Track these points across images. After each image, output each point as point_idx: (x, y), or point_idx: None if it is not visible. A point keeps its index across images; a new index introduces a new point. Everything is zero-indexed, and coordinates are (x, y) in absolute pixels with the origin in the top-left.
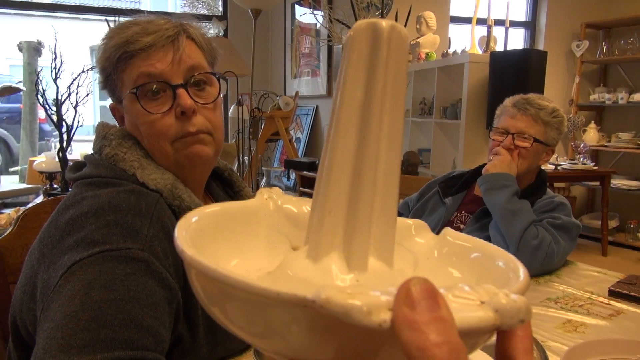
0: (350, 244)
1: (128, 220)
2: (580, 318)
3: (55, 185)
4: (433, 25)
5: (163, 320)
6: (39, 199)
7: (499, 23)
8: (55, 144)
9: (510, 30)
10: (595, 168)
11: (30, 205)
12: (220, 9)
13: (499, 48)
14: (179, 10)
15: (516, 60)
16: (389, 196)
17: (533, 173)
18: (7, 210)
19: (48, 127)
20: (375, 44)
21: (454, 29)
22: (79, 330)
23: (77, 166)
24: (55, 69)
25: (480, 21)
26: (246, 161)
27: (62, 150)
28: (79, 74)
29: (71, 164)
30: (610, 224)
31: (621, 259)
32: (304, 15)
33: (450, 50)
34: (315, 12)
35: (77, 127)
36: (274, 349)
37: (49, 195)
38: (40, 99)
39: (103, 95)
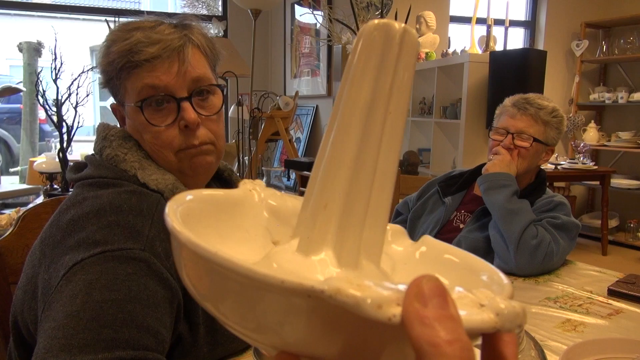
0: (343, 241)
1: (129, 220)
2: (579, 317)
3: (55, 186)
4: (433, 25)
5: (164, 321)
6: (40, 200)
7: (499, 23)
8: (55, 144)
9: (510, 29)
10: (595, 167)
11: (31, 205)
12: (220, 9)
13: (499, 48)
14: (179, 11)
15: (516, 60)
16: (383, 198)
17: (533, 173)
18: (8, 211)
19: (48, 128)
20: (386, 45)
21: (453, 29)
22: (81, 330)
23: (78, 167)
24: (55, 69)
25: (480, 21)
26: (246, 161)
27: (63, 150)
28: (79, 75)
29: (72, 164)
30: (610, 224)
31: (621, 259)
32: (304, 15)
33: (450, 50)
34: (314, 12)
35: (78, 128)
36: (268, 341)
37: (50, 196)
38: (41, 100)
39: (103, 96)
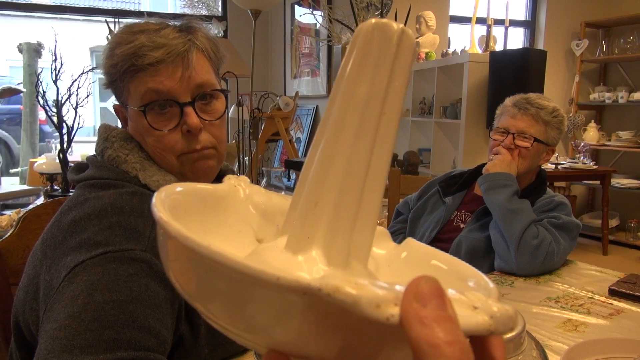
0: (332, 241)
1: (131, 221)
2: (580, 317)
3: (55, 187)
4: (432, 25)
5: (165, 322)
6: (40, 201)
7: (499, 22)
8: (55, 145)
9: (510, 29)
10: (596, 167)
11: (31, 206)
12: (220, 9)
13: (499, 47)
14: (178, 11)
15: (516, 60)
16: (374, 199)
17: (533, 172)
18: (8, 212)
19: (48, 129)
20: (384, 45)
21: (453, 29)
22: (82, 331)
23: (79, 167)
24: (55, 70)
25: (480, 21)
26: (246, 161)
27: (63, 151)
28: (79, 75)
29: (73, 165)
30: (610, 223)
31: (622, 258)
32: (304, 15)
33: (450, 50)
34: (314, 13)
35: (78, 129)
36: (260, 341)
37: (50, 197)
38: (41, 101)
39: (103, 97)
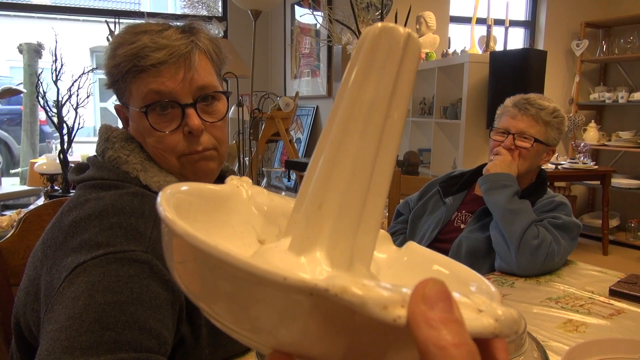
0: (336, 241)
1: (131, 222)
2: (580, 318)
3: (56, 187)
4: (433, 25)
5: (166, 323)
6: (40, 201)
7: (499, 23)
8: (56, 145)
9: (510, 29)
10: (596, 167)
11: (32, 207)
12: (220, 10)
13: (499, 48)
14: (178, 12)
15: (516, 60)
16: (378, 202)
17: (533, 173)
18: (9, 212)
19: (49, 129)
20: (391, 48)
21: (453, 29)
22: (83, 332)
23: (80, 168)
24: (55, 70)
25: (480, 21)
26: (247, 162)
27: (63, 151)
28: (80, 76)
29: (74, 165)
30: (611, 223)
31: (622, 258)
32: (304, 15)
33: (450, 50)
34: (315, 13)
35: (78, 129)
36: (264, 341)
37: (50, 197)
38: (41, 101)
39: (104, 97)
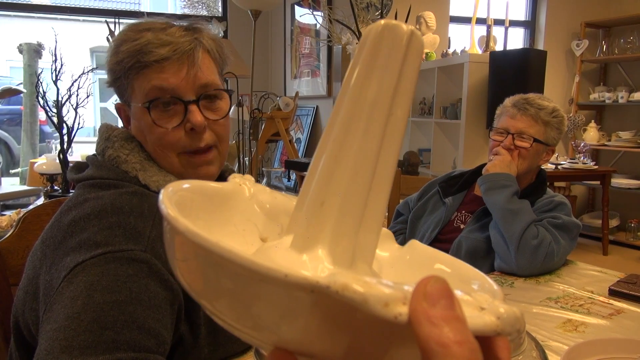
0: (338, 240)
1: (130, 221)
2: (580, 317)
3: (56, 187)
4: (433, 25)
5: (165, 322)
6: (40, 201)
7: (499, 23)
8: (55, 145)
9: (510, 29)
10: (596, 167)
11: (31, 207)
12: (220, 10)
13: (499, 48)
14: (178, 12)
15: (516, 60)
16: (380, 200)
17: (533, 173)
18: (8, 212)
19: (49, 129)
20: (394, 46)
21: (453, 29)
22: (81, 332)
23: (79, 167)
24: (55, 70)
25: (480, 21)
26: (246, 162)
27: (63, 151)
28: (80, 76)
29: (73, 164)
30: (610, 223)
31: (622, 258)
32: (304, 15)
33: (450, 50)
34: (314, 13)
35: (78, 129)
36: (266, 338)
37: (50, 197)
38: (41, 101)
39: (103, 97)
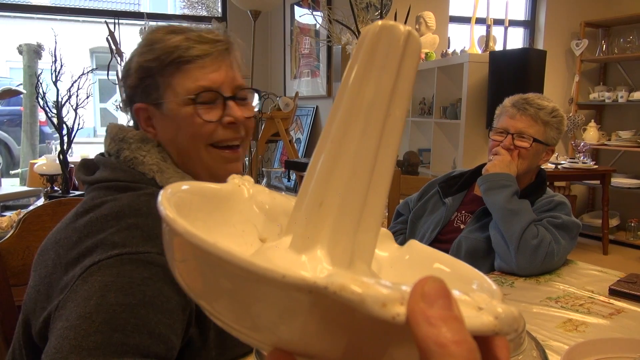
0: (337, 240)
1: (148, 223)
2: (580, 317)
3: (56, 188)
4: (432, 25)
5: (175, 328)
6: (40, 202)
7: (498, 22)
8: (55, 146)
9: (510, 29)
10: (596, 167)
11: (32, 207)
12: (220, 10)
13: (499, 47)
14: (178, 12)
15: (515, 60)
16: (379, 200)
17: (533, 172)
18: (8, 213)
19: (48, 130)
20: (391, 46)
21: (453, 29)
22: (92, 332)
23: (87, 166)
24: (55, 71)
25: (480, 21)
26: (246, 162)
27: (63, 152)
28: (79, 77)
29: (80, 163)
30: (610, 223)
31: (622, 258)
32: (303, 16)
33: (450, 50)
34: (314, 13)
35: (78, 130)
36: (265, 339)
37: (50, 198)
38: (41, 102)
39: (103, 97)
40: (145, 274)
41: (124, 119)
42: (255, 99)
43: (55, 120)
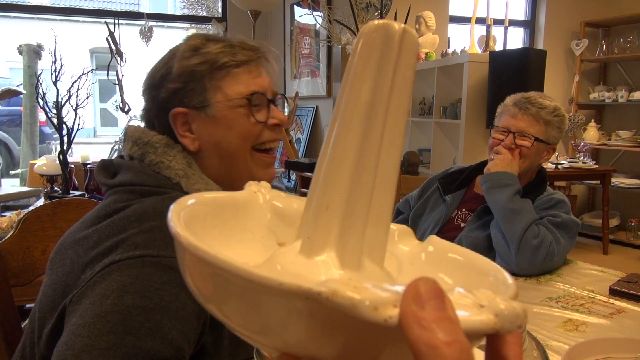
0: (345, 242)
1: None
2: (581, 317)
3: (56, 188)
4: (432, 25)
5: (188, 336)
6: (40, 202)
7: (498, 22)
8: (55, 146)
9: (510, 29)
10: (596, 167)
11: (32, 208)
12: (220, 10)
13: (499, 47)
14: (178, 12)
15: (516, 60)
16: (385, 199)
17: (533, 171)
18: (8, 214)
19: (48, 130)
20: (386, 45)
21: (453, 29)
22: (106, 332)
23: (107, 168)
24: (55, 71)
25: (480, 21)
26: None
27: (63, 152)
28: (79, 77)
29: (100, 165)
30: (611, 223)
31: (622, 258)
32: (303, 16)
33: (450, 50)
34: (314, 13)
35: (78, 130)
36: (270, 344)
37: (50, 198)
38: (41, 102)
39: (103, 98)
40: (164, 278)
41: (123, 120)
42: (285, 105)
43: (55, 120)
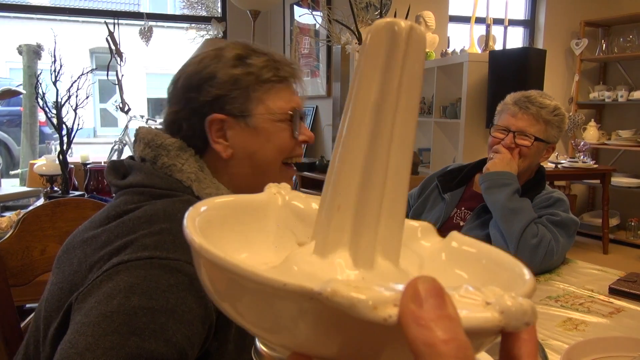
0: (358, 241)
1: (180, 230)
2: (580, 316)
3: (55, 188)
4: (432, 24)
5: (192, 340)
6: (40, 202)
7: (498, 22)
8: (55, 146)
9: (509, 29)
10: (596, 166)
11: (31, 208)
12: (219, 10)
13: (498, 47)
14: (178, 12)
15: (515, 59)
16: (398, 197)
17: (532, 169)
18: (8, 214)
19: (48, 130)
20: (393, 44)
21: (452, 28)
22: (110, 332)
23: (117, 169)
24: (55, 71)
25: (479, 20)
26: None
27: (63, 153)
28: (79, 77)
29: (110, 166)
30: (611, 222)
31: (622, 257)
32: (303, 16)
33: (450, 50)
34: (314, 13)
35: (77, 130)
36: (281, 342)
37: (50, 198)
38: (40, 102)
39: (103, 98)
40: (171, 280)
41: (123, 120)
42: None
43: (54, 120)
